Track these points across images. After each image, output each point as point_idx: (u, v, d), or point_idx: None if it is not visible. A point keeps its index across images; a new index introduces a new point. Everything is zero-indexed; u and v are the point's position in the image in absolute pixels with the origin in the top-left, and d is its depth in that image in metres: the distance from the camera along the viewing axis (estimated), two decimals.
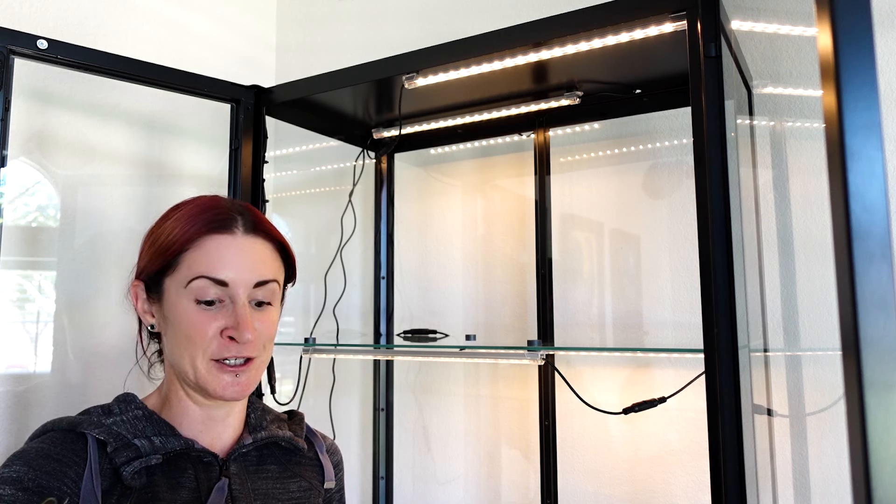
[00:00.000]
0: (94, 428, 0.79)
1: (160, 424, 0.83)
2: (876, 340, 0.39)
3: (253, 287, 0.83)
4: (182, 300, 0.81)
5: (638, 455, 1.38)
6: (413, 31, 1.74)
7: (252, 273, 0.83)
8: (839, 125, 0.41)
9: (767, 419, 1.20)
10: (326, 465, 0.96)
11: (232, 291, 0.81)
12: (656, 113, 1.39)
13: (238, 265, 0.82)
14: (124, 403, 0.85)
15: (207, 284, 0.81)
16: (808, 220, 1.24)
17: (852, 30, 0.41)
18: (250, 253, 0.84)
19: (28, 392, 1.31)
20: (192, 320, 0.81)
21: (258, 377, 0.86)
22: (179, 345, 0.82)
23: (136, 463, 0.77)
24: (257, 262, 0.84)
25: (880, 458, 0.38)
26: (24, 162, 1.35)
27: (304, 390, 1.49)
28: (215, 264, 0.81)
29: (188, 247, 0.82)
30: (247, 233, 0.84)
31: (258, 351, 0.84)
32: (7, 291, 1.32)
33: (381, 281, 1.69)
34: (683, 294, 1.36)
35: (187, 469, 0.82)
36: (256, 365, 0.84)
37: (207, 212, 0.85)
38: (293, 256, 0.92)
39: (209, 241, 0.82)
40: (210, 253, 0.82)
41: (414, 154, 1.73)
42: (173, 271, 0.82)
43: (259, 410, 0.94)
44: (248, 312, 0.82)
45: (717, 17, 0.91)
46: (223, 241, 0.83)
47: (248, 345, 0.82)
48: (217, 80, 1.31)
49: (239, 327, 0.80)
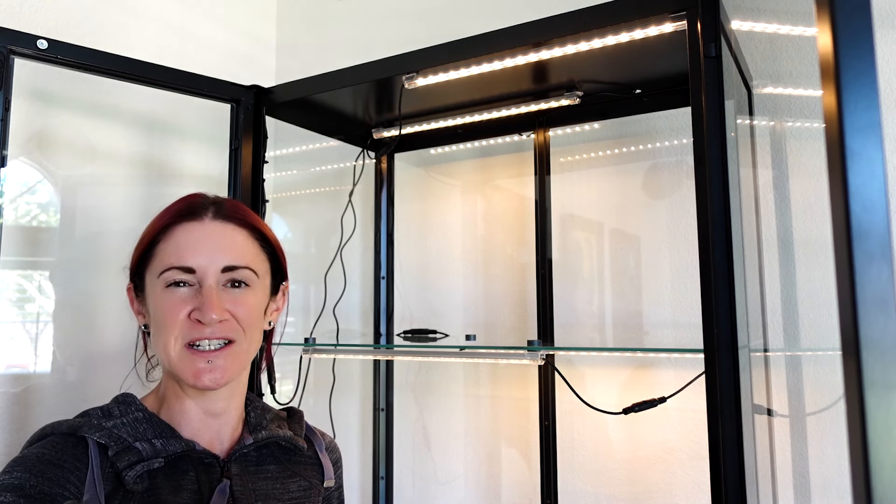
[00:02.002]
0: (94, 432, 0.79)
1: (160, 426, 0.83)
2: (876, 340, 0.39)
3: (221, 271, 0.83)
4: (156, 289, 0.82)
5: (638, 455, 1.38)
6: (413, 31, 1.74)
7: (220, 256, 0.83)
8: (839, 125, 0.41)
9: (767, 419, 1.20)
10: (326, 464, 0.96)
11: (200, 276, 0.82)
12: (656, 113, 1.39)
13: (205, 249, 0.82)
14: (124, 405, 0.84)
15: (175, 273, 0.81)
16: (808, 220, 1.24)
17: (852, 30, 0.41)
18: (219, 237, 0.84)
19: (28, 392, 1.31)
20: (163, 306, 0.81)
21: (238, 365, 0.84)
22: (157, 333, 0.82)
23: (138, 467, 0.77)
24: (226, 247, 0.84)
25: (880, 458, 0.38)
26: (24, 162, 1.35)
27: (304, 390, 1.49)
28: (183, 252, 0.82)
29: (160, 238, 0.83)
30: (216, 218, 0.85)
31: (234, 333, 0.83)
32: (7, 291, 1.32)
33: (381, 281, 1.68)
34: (683, 294, 1.36)
35: (188, 471, 0.82)
36: (236, 351, 0.83)
37: (180, 203, 0.87)
38: (279, 247, 0.91)
39: (178, 229, 0.83)
40: (179, 242, 0.83)
41: (414, 154, 1.73)
42: (149, 263, 0.84)
43: (259, 409, 0.94)
44: (214, 293, 0.81)
45: (717, 17, 0.91)
46: (190, 227, 0.83)
47: (220, 326, 0.81)
48: (217, 80, 1.31)
49: (203, 307, 0.80)
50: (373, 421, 1.67)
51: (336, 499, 1.00)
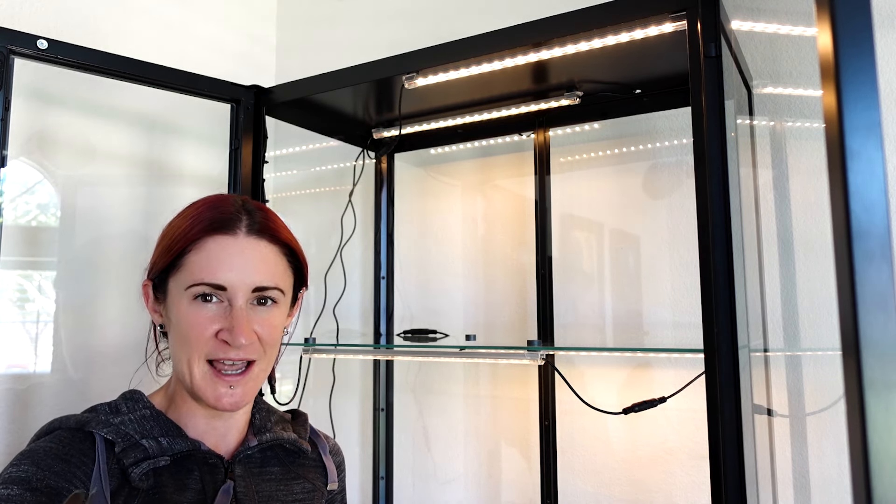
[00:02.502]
0: (102, 427, 0.79)
1: (167, 425, 0.83)
2: (876, 340, 0.39)
3: (252, 291, 0.81)
4: (182, 302, 0.81)
5: (638, 455, 1.38)
6: (413, 31, 1.74)
7: (252, 276, 0.81)
8: (839, 125, 0.41)
9: (767, 419, 1.20)
10: (329, 467, 0.96)
11: (230, 294, 0.80)
12: (656, 113, 1.39)
13: (238, 267, 0.80)
14: (132, 402, 0.84)
15: (206, 290, 0.80)
16: (808, 220, 1.24)
17: (852, 30, 0.41)
18: (252, 255, 0.82)
19: (28, 391, 1.31)
20: (189, 321, 0.80)
21: (257, 386, 0.84)
22: (178, 346, 0.82)
23: (144, 464, 0.77)
24: (258, 265, 0.82)
25: (880, 458, 0.38)
26: (24, 162, 1.35)
27: (304, 390, 1.49)
28: (215, 269, 0.79)
29: (190, 248, 0.81)
30: (249, 234, 0.82)
31: (258, 354, 0.82)
32: (7, 291, 1.32)
33: (381, 281, 1.68)
34: (683, 294, 1.36)
35: (193, 471, 0.82)
36: (255, 373, 0.83)
37: (212, 210, 0.83)
38: (304, 261, 0.90)
39: (210, 242, 0.80)
40: (210, 256, 0.80)
41: (414, 154, 1.73)
42: (176, 272, 0.82)
43: (263, 411, 0.94)
44: (244, 315, 0.80)
45: (717, 17, 0.91)
46: (224, 242, 0.81)
47: (245, 348, 0.80)
48: (217, 80, 1.31)
49: (234, 330, 0.79)
50: (373, 421, 1.67)
51: (339, 502, 1.01)
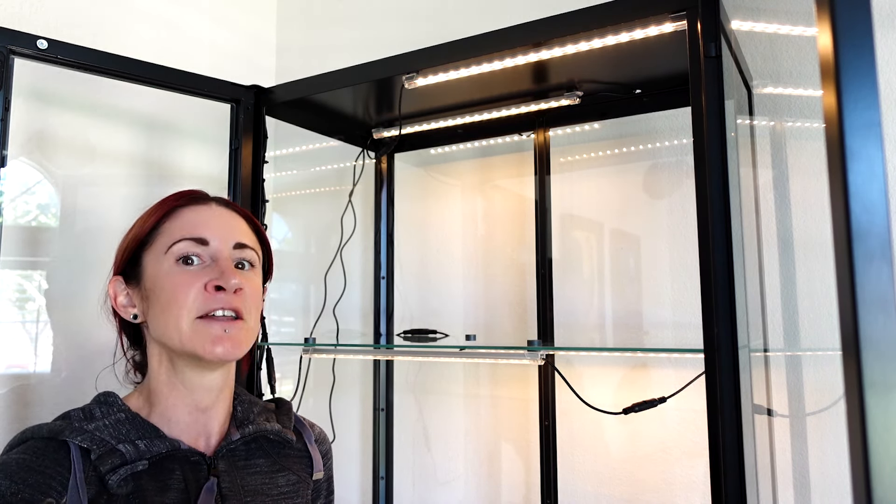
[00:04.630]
0: (76, 435, 0.77)
1: (144, 427, 0.81)
2: (876, 340, 0.39)
3: (233, 248, 0.84)
4: (163, 265, 0.82)
5: (638, 455, 1.38)
6: (413, 31, 1.74)
7: (231, 233, 0.85)
8: (839, 125, 0.41)
9: (767, 419, 1.20)
10: (315, 456, 0.95)
11: (212, 249, 0.83)
12: (656, 113, 1.39)
13: (216, 227, 0.84)
14: (106, 406, 0.82)
15: (188, 245, 0.82)
16: (808, 220, 1.24)
17: (852, 30, 0.41)
18: (227, 219, 0.87)
19: (27, 391, 1.31)
20: (175, 280, 0.80)
21: (247, 342, 0.83)
22: (163, 310, 0.81)
23: (121, 470, 0.75)
24: (235, 225, 0.87)
25: (880, 458, 0.38)
26: (24, 162, 1.35)
27: (304, 390, 1.49)
28: (194, 225, 0.83)
29: (163, 220, 0.84)
30: (220, 205, 0.88)
31: (244, 309, 0.82)
32: (7, 291, 1.32)
33: (381, 281, 1.68)
34: (683, 294, 1.36)
35: (175, 470, 0.80)
36: (245, 328, 0.82)
37: (178, 193, 0.88)
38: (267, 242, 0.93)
39: (185, 211, 0.85)
40: (188, 219, 0.84)
41: (414, 154, 1.73)
42: (151, 245, 0.84)
43: (245, 403, 0.92)
44: (230, 263, 0.83)
45: (717, 17, 0.91)
46: (199, 209, 0.86)
47: (237, 295, 0.81)
48: (217, 80, 1.31)
49: (224, 274, 0.81)
50: (373, 421, 1.67)
51: (325, 489, 0.99)
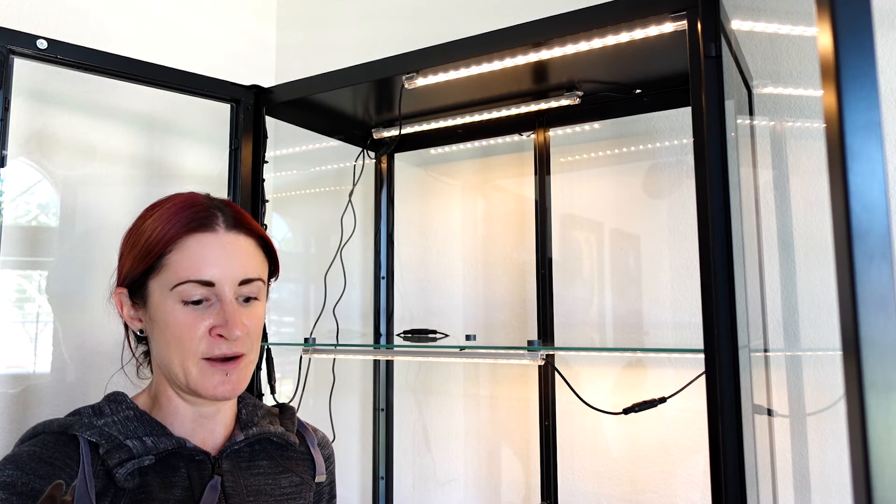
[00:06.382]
0: (85, 430, 0.79)
1: (151, 424, 0.83)
2: (876, 340, 0.39)
3: (238, 285, 0.83)
4: (168, 302, 0.81)
5: (638, 455, 1.38)
6: (413, 31, 1.74)
7: (237, 270, 0.82)
8: (839, 125, 0.41)
9: (767, 419, 1.20)
10: (318, 459, 0.96)
11: (218, 290, 0.81)
12: (656, 113, 1.39)
13: (222, 263, 0.81)
14: (115, 403, 0.84)
15: (193, 287, 0.80)
16: (808, 220, 1.24)
17: (852, 30, 0.41)
18: (234, 250, 0.83)
19: (27, 391, 1.31)
20: (180, 322, 0.81)
21: (248, 375, 0.86)
22: (168, 347, 0.82)
23: (128, 465, 0.77)
24: (241, 259, 0.84)
25: (881, 458, 0.38)
26: (24, 162, 1.34)
27: (304, 390, 1.49)
28: (199, 266, 0.80)
29: (170, 248, 0.81)
30: (228, 230, 0.84)
31: (247, 348, 0.84)
32: (7, 291, 1.32)
33: (381, 281, 1.68)
34: (683, 294, 1.36)
35: (180, 468, 0.82)
36: (246, 363, 0.84)
37: (186, 210, 0.84)
38: (275, 251, 0.93)
39: (191, 240, 0.81)
40: (194, 254, 0.81)
41: (414, 154, 1.73)
42: (157, 274, 0.82)
43: (250, 406, 0.94)
44: (235, 309, 0.81)
45: (717, 17, 0.91)
46: (205, 239, 0.82)
47: (238, 342, 0.82)
48: (217, 80, 1.31)
49: (228, 324, 0.80)
50: (373, 421, 1.67)
51: (327, 493, 1.01)
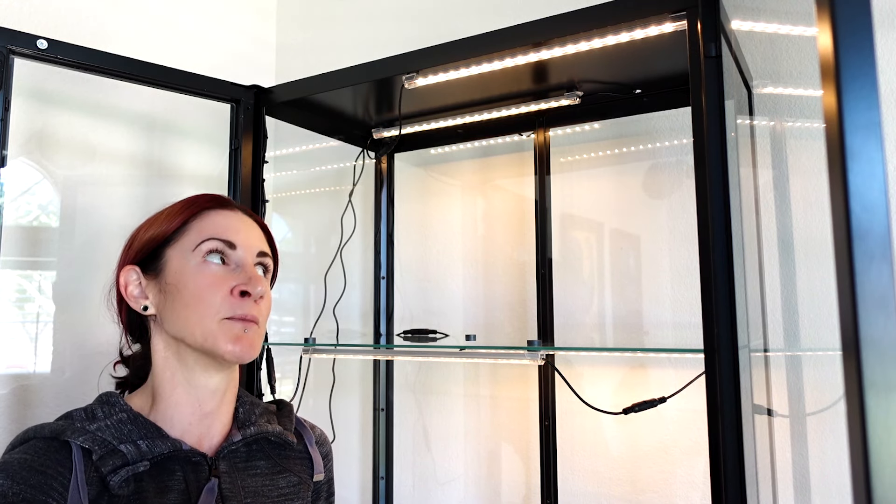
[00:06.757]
0: (77, 436, 0.77)
1: (146, 427, 0.81)
2: (876, 340, 0.39)
3: (257, 255, 0.88)
4: (190, 262, 0.84)
5: (638, 455, 1.38)
6: (413, 31, 1.74)
7: (256, 241, 0.89)
8: (839, 125, 0.41)
9: (767, 419, 1.20)
10: (316, 458, 0.95)
11: (240, 254, 0.86)
12: (656, 113, 1.39)
13: (243, 234, 0.87)
14: (108, 406, 0.82)
15: (218, 245, 0.85)
16: (808, 220, 1.24)
17: (852, 30, 0.41)
18: (251, 228, 0.90)
19: (28, 392, 1.31)
20: (203, 279, 0.83)
21: (260, 343, 0.87)
22: (187, 307, 0.82)
23: (122, 471, 0.75)
24: (257, 236, 0.90)
25: (881, 458, 0.38)
26: (24, 162, 1.35)
27: (304, 390, 1.49)
28: (225, 229, 0.86)
29: (192, 219, 0.87)
30: (244, 214, 0.92)
31: (262, 317, 0.86)
32: (7, 291, 1.32)
33: (381, 281, 1.68)
34: (683, 294, 1.36)
35: (176, 471, 0.80)
36: (259, 333, 0.86)
37: (207, 195, 0.91)
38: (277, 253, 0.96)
39: (213, 213, 0.88)
40: (217, 221, 0.87)
41: (414, 154, 1.73)
42: (176, 241, 0.85)
43: (248, 404, 0.93)
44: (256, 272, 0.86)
45: (717, 17, 0.91)
46: (227, 213, 0.89)
47: (258, 303, 0.84)
48: (217, 80, 1.31)
49: (252, 281, 0.84)
50: (373, 421, 1.67)
51: (325, 491, 1.00)
